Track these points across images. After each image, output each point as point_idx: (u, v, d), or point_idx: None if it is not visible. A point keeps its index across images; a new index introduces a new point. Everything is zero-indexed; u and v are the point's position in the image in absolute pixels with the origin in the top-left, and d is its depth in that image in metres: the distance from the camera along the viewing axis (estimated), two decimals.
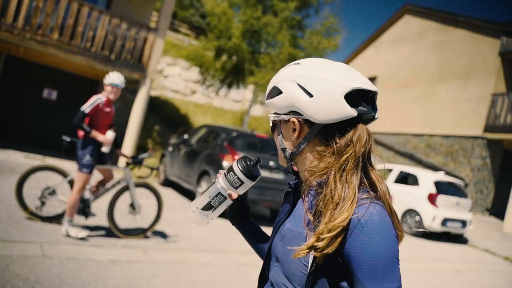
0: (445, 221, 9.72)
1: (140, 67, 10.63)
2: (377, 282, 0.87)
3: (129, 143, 10.63)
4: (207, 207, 1.21)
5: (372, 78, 18.72)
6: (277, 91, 1.07)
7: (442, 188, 10.00)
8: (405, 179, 10.58)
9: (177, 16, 27.05)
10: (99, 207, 5.72)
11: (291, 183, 1.12)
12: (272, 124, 1.14)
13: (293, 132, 1.05)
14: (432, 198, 9.77)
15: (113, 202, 5.02)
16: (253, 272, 4.92)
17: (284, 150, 1.09)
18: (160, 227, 5.82)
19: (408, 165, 14.99)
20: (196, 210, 1.24)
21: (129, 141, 10.64)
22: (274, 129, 1.14)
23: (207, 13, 14.74)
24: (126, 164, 5.08)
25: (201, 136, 9.26)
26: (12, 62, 10.62)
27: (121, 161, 10.06)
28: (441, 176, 10.44)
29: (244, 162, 1.16)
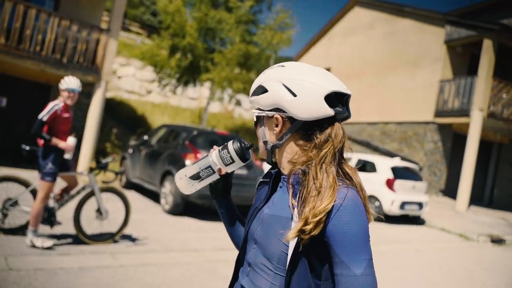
0: (403, 205, 10.16)
1: (94, 69, 10.37)
2: (353, 254, 1.00)
3: (87, 148, 10.35)
4: (195, 177, 1.32)
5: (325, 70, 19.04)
6: (262, 90, 1.18)
7: (398, 173, 10.44)
8: (364, 166, 10.93)
9: (128, 15, 26.46)
10: (65, 215, 5.59)
11: (272, 172, 1.24)
12: (255, 119, 1.26)
13: (275, 127, 1.17)
14: (390, 184, 10.18)
15: (79, 208, 4.95)
16: (224, 268, 5.00)
17: (265, 143, 1.21)
18: (127, 230, 5.78)
19: (365, 153, 15.50)
20: (184, 177, 1.33)
21: (87, 146, 10.36)
22: (257, 124, 1.25)
23: (160, 11, 14.53)
24: (90, 170, 5.02)
25: (161, 136, 9.19)
26: None
27: (81, 167, 9.82)
28: (397, 162, 10.89)
29: (239, 144, 1.27)
